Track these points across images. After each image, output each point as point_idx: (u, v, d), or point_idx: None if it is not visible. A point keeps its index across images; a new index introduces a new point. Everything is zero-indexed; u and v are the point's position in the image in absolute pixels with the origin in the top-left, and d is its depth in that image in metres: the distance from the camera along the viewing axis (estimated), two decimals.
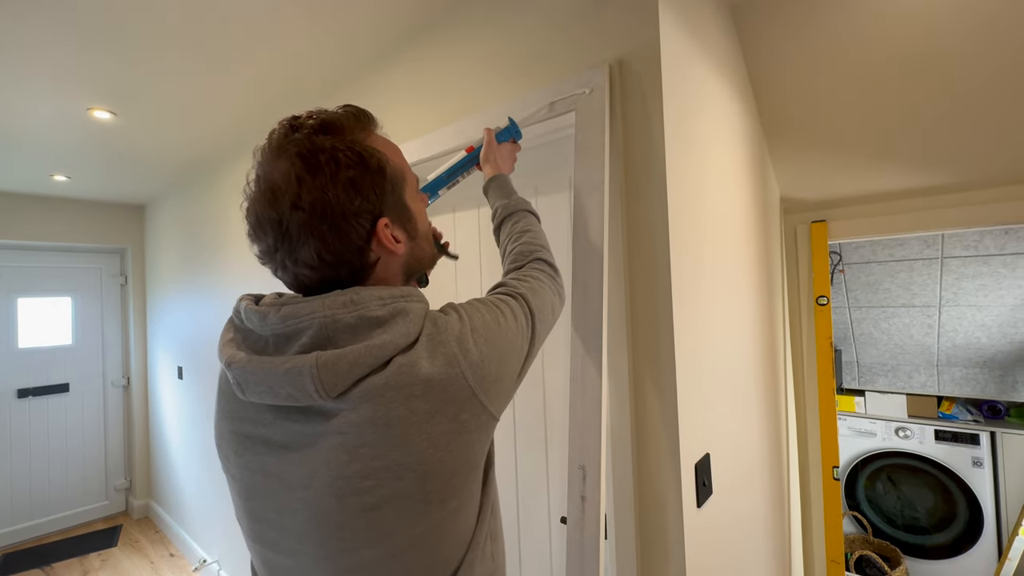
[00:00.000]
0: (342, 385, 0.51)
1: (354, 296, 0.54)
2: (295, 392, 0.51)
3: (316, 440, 0.53)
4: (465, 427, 0.55)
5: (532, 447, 1.25)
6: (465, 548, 0.58)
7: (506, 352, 0.60)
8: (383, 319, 0.54)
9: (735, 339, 1.32)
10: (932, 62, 1.35)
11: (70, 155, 2.49)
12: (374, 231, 0.57)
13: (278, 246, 0.55)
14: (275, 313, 0.54)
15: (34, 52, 1.51)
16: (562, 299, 0.77)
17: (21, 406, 3.31)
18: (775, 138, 1.81)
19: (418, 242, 0.65)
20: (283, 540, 0.56)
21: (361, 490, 0.51)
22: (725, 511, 1.14)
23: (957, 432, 2.79)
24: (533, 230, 0.84)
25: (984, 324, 2.78)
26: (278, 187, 0.54)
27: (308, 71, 1.70)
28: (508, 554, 1.29)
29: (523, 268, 0.75)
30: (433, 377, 0.53)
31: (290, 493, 0.54)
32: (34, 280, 3.40)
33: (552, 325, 0.73)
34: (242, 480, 0.59)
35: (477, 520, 0.59)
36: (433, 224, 0.74)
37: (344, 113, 0.59)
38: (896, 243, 2.74)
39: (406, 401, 0.52)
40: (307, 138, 0.55)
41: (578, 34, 1.07)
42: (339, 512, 0.52)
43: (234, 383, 0.56)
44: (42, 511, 3.36)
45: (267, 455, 0.56)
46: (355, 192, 0.55)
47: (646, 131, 0.97)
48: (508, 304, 0.64)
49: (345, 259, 0.56)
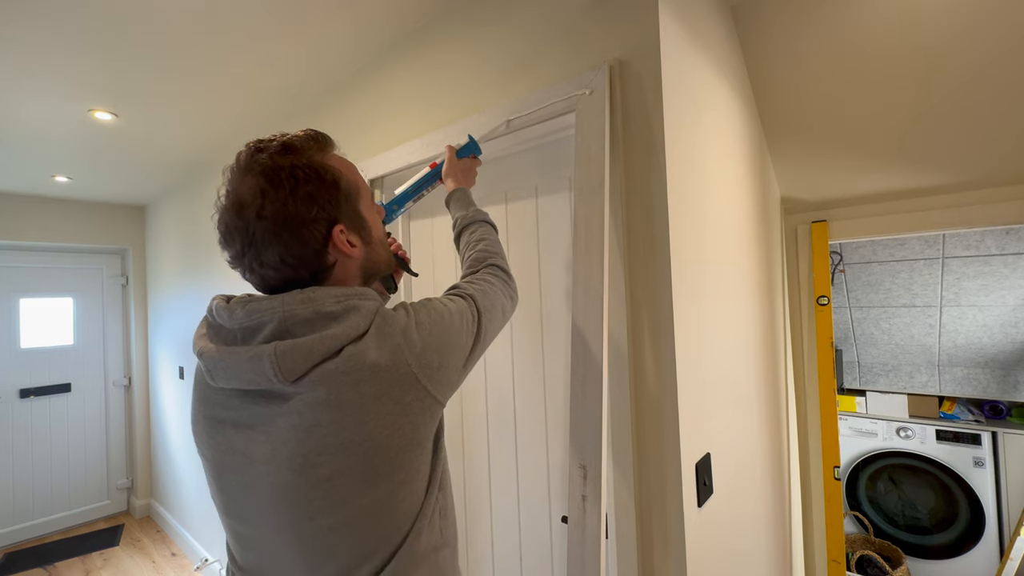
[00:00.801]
0: (298, 370, 0.58)
1: (311, 294, 0.62)
2: (256, 377, 0.59)
3: (276, 420, 0.60)
4: (409, 409, 0.62)
5: (533, 446, 1.25)
6: (414, 518, 0.65)
7: (449, 344, 0.67)
8: (337, 314, 0.61)
9: (736, 339, 1.32)
10: (935, 61, 1.36)
11: (71, 156, 2.50)
12: (330, 236, 0.65)
13: (245, 251, 0.63)
14: (241, 309, 0.62)
15: (36, 54, 1.52)
16: (514, 301, 0.85)
17: (23, 406, 3.32)
18: (775, 138, 1.81)
19: (373, 247, 0.72)
20: (249, 512, 0.63)
21: (316, 464, 0.58)
22: (726, 511, 1.14)
23: (958, 432, 2.79)
24: (489, 239, 0.91)
25: (985, 324, 2.78)
26: (245, 200, 0.61)
27: (308, 72, 1.71)
28: (509, 553, 1.30)
29: (477, 273, 0.83)
30: (380, 364, 0.60)
31: (254, 468, 0.61)
32: (36, 280, 3.41)
33: (503, 323, 0.81)
34: (213, 459, 0.66)
35: (425, 494, 0.66)
36: (400, 239, 0.78)
37: (303, 136, 0.66)
38: (897, 243, 2.74)
39: (355, 385, 0.59)
40: (270, 158, 0.63)
41: (578, 34, 1.08)
42: (297, 485, 0.59)
43: (205, 371, 0.64)
44: (44, 510, 3.37)
45: (234, 435, 0.63)
46: (312, 203, 0.62)
47: (646, 131, 0.97)
48: (456, 303, 0.72)
49: (305, 261, 0.64)
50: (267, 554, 0.64)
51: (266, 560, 0.65)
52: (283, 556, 0.63)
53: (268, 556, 0.64)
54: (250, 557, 0.67)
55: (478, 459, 1.39)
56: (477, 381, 1.39)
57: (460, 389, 1.43)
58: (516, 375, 1.29)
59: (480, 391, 1.38)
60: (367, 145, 1.63)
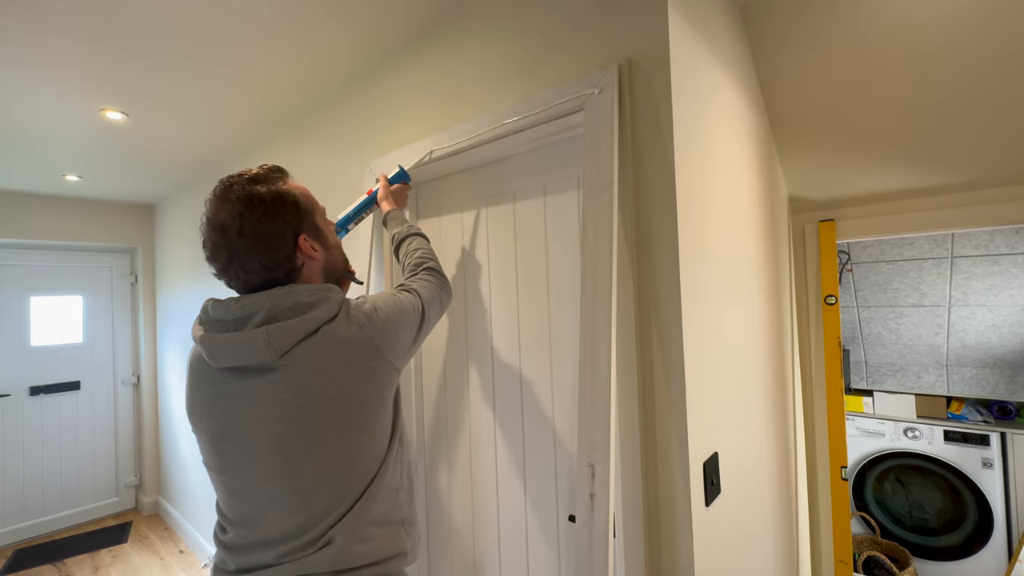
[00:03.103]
0: (285, 346, 0.75)
1: (289, 289, 0.79)
2: (252, 353, 0.75)
3: (268, 388, 0.76)
4: (374, 372, 0.81)
5: (540, 445, 1.25)
6: (380, 461, 0.83)
7: (401, 324, 0.87)
8: (312, 303, 0.79)
9: (743, 339, 1.32)
10: (943, 60, 1.35)
11: (82, 155, 2.52)
12: (297, 244, 0.83)
13: (231, 263, 0.79)
14: (235, 304, 0.78)
15: (47, 54, 1.53)
16: (448, 295, 1.07)
17: (34, 404, 3.35)
18: (783, 137, 1.80)
19: (331, 251, 0.91)
20: (244, 467, 0.79)
21: (302, 419, 0.76)
22: (733, 510, 1.14)
23: (967, 433, 2.77)
24: (423, 248, 1.12)
25: (995, 324, 2.76)
26: (226, 223, 0.78)
27: (317, 70, 1.72)
28: (516, 551, 1.30)
29: (418, 274, 1.04)
30: (350, 338, 0.79)
31: (251, 428, 0.77)
32: (46, 279, 3.44)
33: (441, 312, 1.03)
34: (212, 428, 0.81)
35: (388, 444, 0.85)
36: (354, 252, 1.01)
37: (266, 169, 0.85)
38: (905, 242, 2.72)
39: (331, 354, 0.77)
40: (242, 188, 0.80)
41: (587, 34, 1.08)
42: (287, 436, 0.76)
43: (207, 355, 0.79)
44: (54, 507, 3.41)
45: (231, 404, 0.79)
46: (280, 220, 0.80)
47: (655, 130, 0.97)
48: (404, 295, 0.93)
49: (280, 264, 0.81)
50: (258, 503, 0.79)
51: (257, 508, 0.79)
52: (273, 501, 0.77)
53: (259, 504, 0.79)
54: (242, 508, 0.80)
55: (485, 457, 1.39)
56: (484, 378, 1.39)
57: (467, 385, 1.44)
58: (523, 373, 1.29)
59: (488, 389, 1.39)
60: (380, 142, 1.64)
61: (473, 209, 1.43)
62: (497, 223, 1.37)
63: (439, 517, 1.53)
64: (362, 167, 1.68)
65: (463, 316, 1.46)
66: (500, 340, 1.35)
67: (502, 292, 1.35)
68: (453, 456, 1.49)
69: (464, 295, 1.46)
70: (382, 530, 0.82)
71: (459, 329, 1.47)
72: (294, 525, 0.77)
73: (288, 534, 0.77)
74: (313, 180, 1.95)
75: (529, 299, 1.28)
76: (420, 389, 1.59)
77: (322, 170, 1.90)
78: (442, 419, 1.53)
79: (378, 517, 0.81)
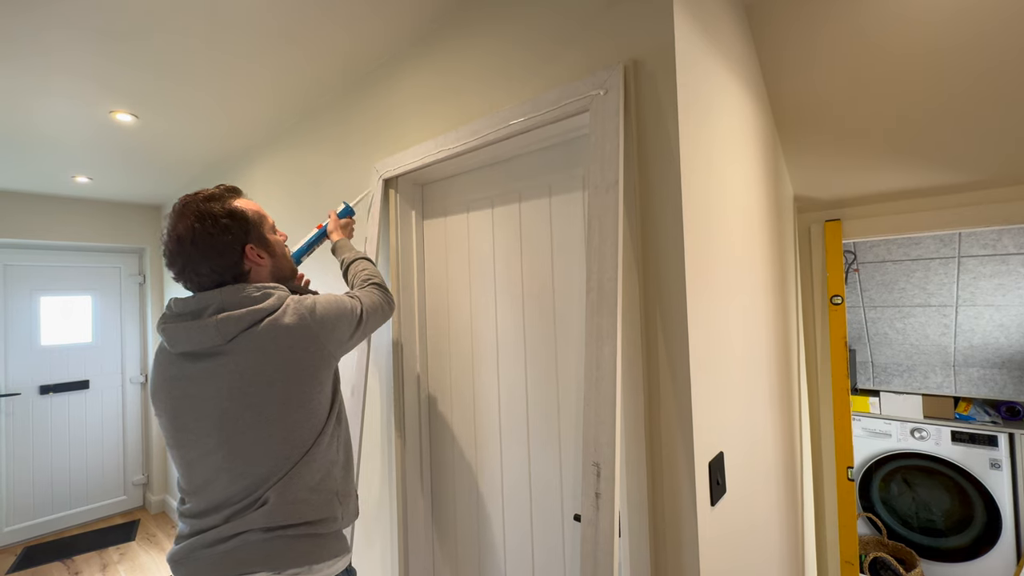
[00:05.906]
0: (232, 332, 0.88)
1: (241, 287, 0.93)
2: (204, 339, 0.89)
3: (219, 368, 0.89)
4: (312, 356, 0.93)
5: (545, 444, 1.26)
6: (317, 434, 0.95)
7: (340, 317, 0.99)
8: (258, 297, 0.92)
9: (749, 338, 1.32)
10: (950, 59, 1.34)
11: (92, 157, 2.55)
12: (244, 252, 0.96)
13: (186, 268, 0.93)
14: (193, 299, 0.92)
15: (58, 56, 1.55)
16: (391, 306, 1.18)
17: (43, 402, 3.39)
18: (789, 136, 1.80)
19: (277, 259, 1.04)
20: (198, 439, 0.90)
21: (248, 394, 0.88)
22: (739, 510, 1.15)
23: (974, 433, 2.75)
24: (369, 269, 1.25)
25: (1002, 324, 2.74)
26: (183, 235, 0.92)
27: (323, 72, 1.73)
28: (521, 551, 1.31)
29: (364, 288, 1.16)
30: (291, 325, 0.91)
31: (203, 404, 0.89)
32: (56, 279, 3.48)
33: (384, 319, 1.14)
34: (171, 407, 0.93)
35: (326, 420, 0.97)
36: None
37: (220, 189, 0.98)
38: (912, 242, 2.71)
39: (274, 340, 0.90)
40: (197, 205, 0.93)
41: (593, 35, 1.08)
42: (234, 409, 0.88)
43: (166, 341, 0.92)
44: (63, 505, 3.44)
45: (188, 385, 0.91)
46: (228, 232, 0.93)
47: (660, 131, 0.97)
48: (347, 298, 1.05)
49: (229, 269, 0.94)
50: (208, 471, 0.90)
51: (208, 476, 0.90)
52: (221, 469, 0.89)
53: (208, 473, 0.90)
54: (195, 478, 0.91)
55: (491, 456, 1.40)
56: (490, 377, 1.40)
57: (473, 384, 1.45)
58: (529, 372, 1.30)
59: (493, 388, 1.39)
60: (386, 142, 1.65)
61: (479, 209, 1.44)
62: (503, 223, 1.37)
63: (445, 515, 1.54)
64: (368, 167, 1.69)
65: (468, 315, 1.47)
66: (505, 339, 1.36)
67: (508, 291, 1.35)
68: (459, 455, 1.50)
69: (469, 294, 1.46)
70: (315, 495, 0.93)
71: (464, 328, 1.48)
72: (238, 490, 0.89)
73: (233, 498, 0.89)
74: (319, 180, 1.97)
75: (534, 298, 1.28)
76: (426, 387, 1.60)
77: (328, 170, 1.91)
78: (448, 418, 1.53)
79: (312, 484, 0.92)
